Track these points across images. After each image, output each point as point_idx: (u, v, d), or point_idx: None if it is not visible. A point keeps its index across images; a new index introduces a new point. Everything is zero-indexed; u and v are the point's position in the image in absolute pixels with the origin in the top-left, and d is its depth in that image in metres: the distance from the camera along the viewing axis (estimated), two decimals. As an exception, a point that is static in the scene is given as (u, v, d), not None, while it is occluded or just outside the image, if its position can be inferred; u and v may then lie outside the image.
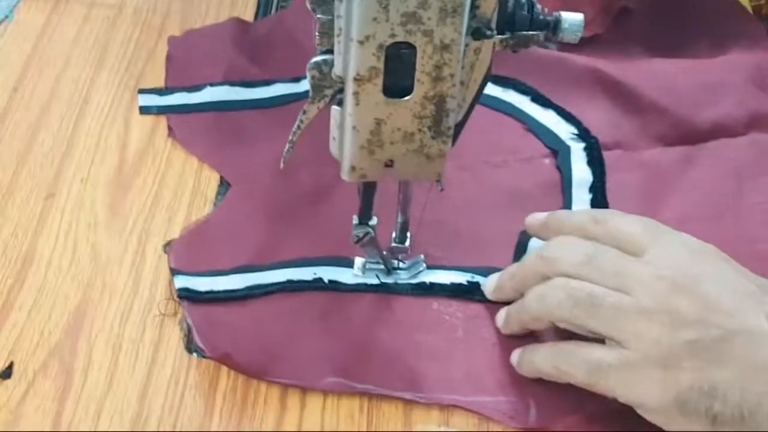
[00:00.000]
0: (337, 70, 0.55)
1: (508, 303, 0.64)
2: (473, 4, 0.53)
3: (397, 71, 0.54)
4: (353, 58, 0.53)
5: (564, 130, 0.77)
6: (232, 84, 0.81)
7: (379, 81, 0.54)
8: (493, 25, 0.55)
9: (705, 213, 0.71)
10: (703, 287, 0.55)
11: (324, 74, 0.56)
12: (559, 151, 0.76)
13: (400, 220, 0.66)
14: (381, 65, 0.54)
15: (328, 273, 0.66)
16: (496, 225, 0.70)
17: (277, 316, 0.64)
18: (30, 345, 0.62)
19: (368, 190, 0.62)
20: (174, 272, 0.66)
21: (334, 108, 0.57)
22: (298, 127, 0.59)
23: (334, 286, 0.66)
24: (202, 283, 0.65)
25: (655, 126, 0.78)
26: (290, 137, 0.59)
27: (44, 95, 0.80)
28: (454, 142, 0.59)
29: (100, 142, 0.76)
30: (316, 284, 0.66)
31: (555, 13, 0.57)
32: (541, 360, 0.59)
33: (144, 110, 0.79)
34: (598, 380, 0.56)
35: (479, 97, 0.58)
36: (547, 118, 0.79)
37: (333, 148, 0.60)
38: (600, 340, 0.57)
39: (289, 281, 0.66)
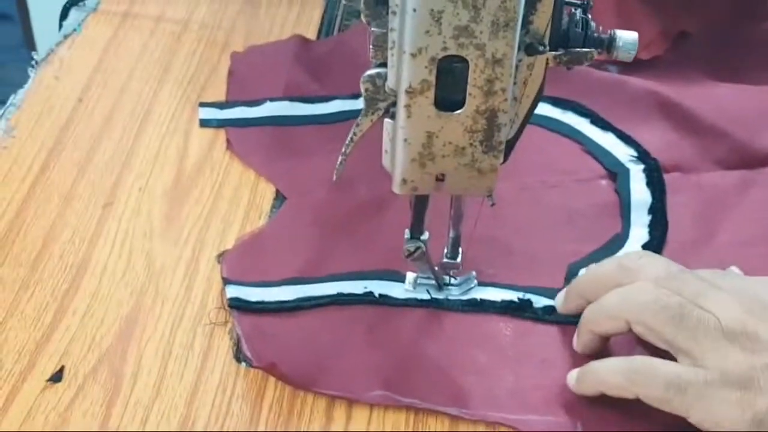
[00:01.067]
0: (390, 83, 0.56)
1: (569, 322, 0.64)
2: (526, 19, 0.53)
3: (449, 84, 0.54)
4: (405, 70, 0.54)
5: (623, 153, 0.77)
6: (292, 99, 0.81)
7: (431, 94, 0.54)
8: (546, 41, 0.55)
9: (758, 239, 0.70)
10: None
11: (377, 87, 0.56)
12: (618, 173, 0.75)
13: (451, 235, 0.65)
14: (433, 78, 0.54)
15: (378, 287, 0.66)
16: (550, 245, 0.70)
17: (326, 328, 0.64)
18: (81, 349, 0.62)
19: (420, 203, 0.62)
20: (226, 281, 0.66)
21: (387, 120, 0.58)
22: (351, 140, 0.59)
23: (384, 300, 0.66)
24: (254, 294, 0.65)
25: (714, 149, 0.77)
26: (343, 150, 0.60)
27: (107, 106, 0.81)
28: (506, 159, 0.59)
29: (159, 153, 0.77)
30: (367, 298, 0.66)
31: (610, 31, 0.57)
32: (610, 372, 0.58)
33: (204, 123, 0.80)
34: (674, 396, 0.55)
35: (532, 114, 0.58)
36: (606, 140, 0.78)
37: (385, 161, 0.60)
38: (668, 356, 0.57)
39: (340, 294, 0.66)
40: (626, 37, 0.56)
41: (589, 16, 0.56)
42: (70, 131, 0.79)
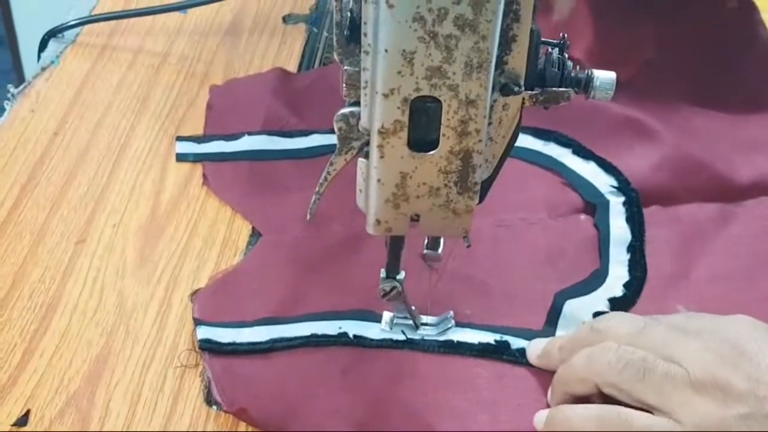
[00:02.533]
0: (363, 122, 0.55)
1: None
2: (501, 59, 0.52)
3: (422, 125, 0.53)
4: (378, 110, 0.53)
5: (603, 182, 0.76)
6: (270, 133, 0.80)
7: (404, 134, 0.53)
8: (522, 81, 0.54)
9: (736, 273, 0.70)
10: (753, 360, 0.54)
11: (351, 126, 0.55)
12: (597, 206, 0.74)
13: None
14: (406, 119, 0.53)
15: (353, 327, 0.65)
16: (529, 284, 0.69)
17: (299, 371, 0.63)
18: (49, 392, 0.61)
19: (395, 244, 0.61)
20: (197, 322, 0.65)
21: (361, 160, 0.57)
22: (325, 179, 0.58)
23: (359, 341, 0.65)
24: (225, 335, 0.64)
25: (693, 179, 0.76)
26: (317, 189, 0.59)
27: (83, 140, 0.80)
28: (482, 199, 0.58)
29: (135, 189, 0.76)
30: (341, 339, 0.65)
31: (587, 71, 0.56)
32: (582, 419, 0.57)
33: (181, 157, 0.79)
34: None
35: (508, 153, 0.57)
36: (587, 170, 0.77)
37: (359, 200, 0.59)
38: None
39: (314, 335, 0.65)
40: (603, 76, 0.56)
41: (566, 56, 0.55)
42: (44, 166, 0.78)
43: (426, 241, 0.64)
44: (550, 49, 0.55)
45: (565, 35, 0.55)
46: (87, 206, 0.74)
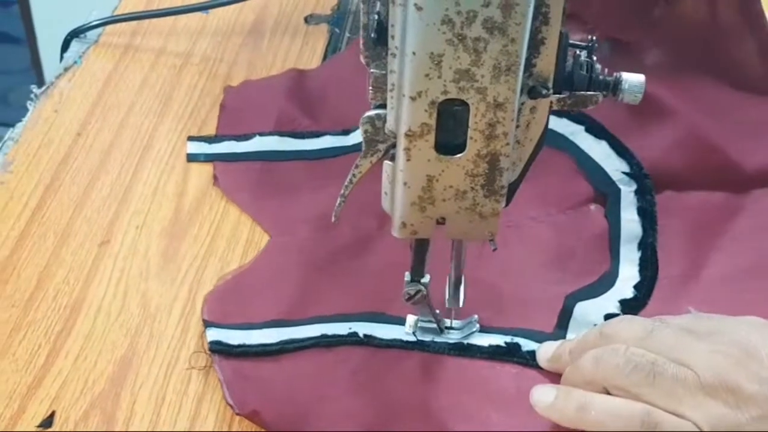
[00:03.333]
0: (389, 125, 0.54)
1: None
2: (529, 62, 0.52)
3: (449, 128, 0.53)
4: (405, 113, 0.52)
5: (615, 168, 0.75)
6: (281, 134, 0.80)
7: (431, 137, 0.53)
8: (550, 84, 0.53)
9: (746, 272, 0.69)
10: (763, 362, 0.53)
11: (377, 129, 0.55)
12: (608, 195, 0.73)
13: (453, 277, 0.64)
14: (433, 122, 0.52)
15: (363, 328, 0.65)
16: (539, 286, 0.68)
17: (309, 373, 0.62)
18: (73, 394, 0.61)
19: (420, 247, 0.61)
20: (207, 324, 0.65)
21: (386, 163, 0.56)
22: (350, 181, 0.58)
23: (369, 340, 0.64)
24: (236, 336, 0.64)
25: (705, 164, 0.75)
26: (342, 191, 0.58)
27: (106, 141, 0.80)
28: (508, 202, 0.57)
29: (157, 190, 0.76)
30: (351, 338, 0.64)
31: (615, 74, 0.55)
32: (604, 414, 0.56)
33: (191, 158, 0.79)
34: None
35: (535, 157, 0.57)
36: (599, 151, 0.76)
37: (385, 203, 0.58)
38: None
39: (324, 336, 0.64)
40: (632, 79, 0.55)
41: (594, 58, 0.55)
42: (67, 166, 0.78)
43: (447, 294, 0.64)
44: (578, 52, 0.55)
45: (594, 38, 0.55)
46: (110, 207, 0.74)
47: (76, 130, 0.81)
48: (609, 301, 0.68)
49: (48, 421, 0.59)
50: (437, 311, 0.64)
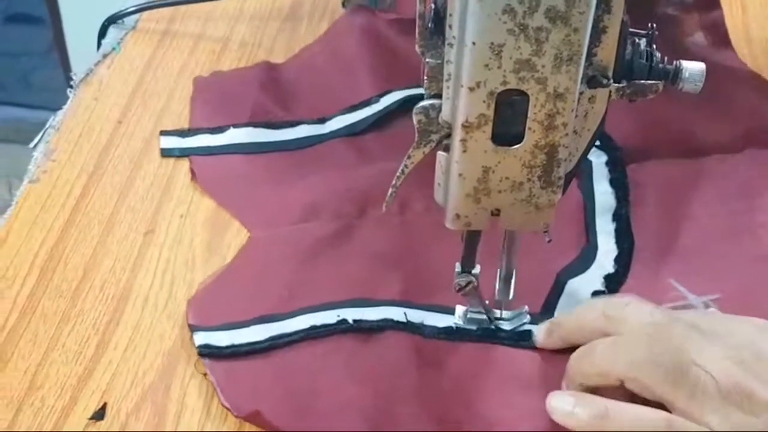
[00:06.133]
0: (444, 115, 0.54)
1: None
2: (590, 51, 0.51)
3: (507, 118, 0.52)
4: (462, 104, 0.52)
5: None
6: (256, 125, 0.79)
7: (488, 128, 0.52)
8: (610, 74, 0.52)
9: (719, 238, 0.70)
10: None
11: (431, 119, 0.54)
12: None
13: (504, 269, 0.63)
14: (491, 112, 0.52)
15: (352, 314, 0.64)
16: (520, 266, 0.66)
17: (303, 366, 0.61)
18: (124, 385, 0.61)
19: (472, 238, 0.60)
20: (193, 329, 0.63)
21: (440, 154, 0.56)
22: (402, 172, 0.57)
23: (360, 324, 0.63)
24: (224, 338, 0.62)
25: (662, 135, 0.76)
26: (394, 182, 0.58)
27: (148, 129, 0.80)
28: (563, 192, 0.57)
29: (200, 179, 0.75)
30: (341, 326, 0.63)
31: (675, 62, 0.54)
32: (627, 422, 0.55)
33: (165, 152, 0.77)
34: None
35: (592, 146, 0.56)
36: None
37: (437, 195, 0.58)
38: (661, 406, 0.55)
39: (313, 327, 0.63)
40: (692, 68, 0.54)
41: (654, 47, 0.54)
42: (110, 154, 0.77)
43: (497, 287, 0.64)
44: (637, 40, 0.54)
45: (654, 25, 0.54)
46: (154, 197, 0.74)
47: (116, 118, 0.81)
48: (594, 277, 0.67)
49: (100, 414, 0.59)
50: (487, 302, 0.64)
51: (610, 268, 0.68)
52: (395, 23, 0.88)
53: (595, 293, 0.66)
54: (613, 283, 0.67)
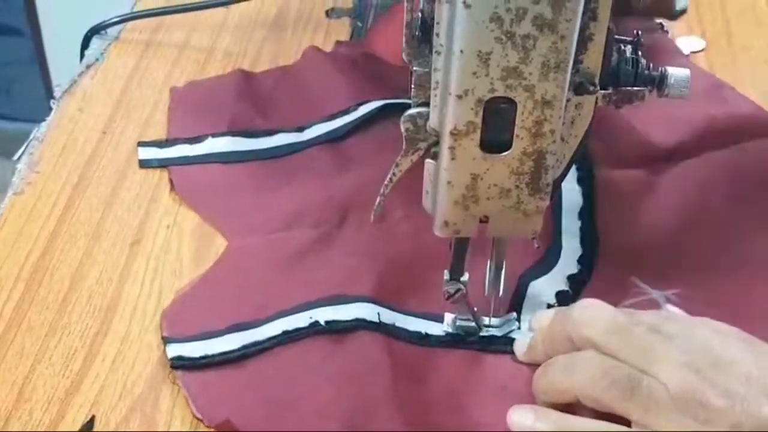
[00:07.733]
0: (432, 123, 0.54)
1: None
2: (576, 58, 0.51)
3: (495, 126, 0.53)
4: (450, 112, 0.52)
5: None
6: (235, 134, 0.79)
7: (477, 136, 0.53)
8: (597, 80, 0.53)
9: (679, 234, 0.71)
10: (728, 372, 0.53)
11: (418, 127, 0.55)
12: None
13: (493, 274, 0.63)
14: (479, 120, 0.52)
15: (324, 314, 0.64)
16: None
17: (276, 373, 0.61)
18: (113, 397, 0.60)
19: (460, 245, 0.60)
20: (166, 341, 0.63)
21: (429, 161, 0.56)
22: (390, 180, 0.57)
23: (332, 326, 0.63)
24: (197, 348, 0.62)
25: (621, 144, 0.76)
26: (382, 190, 0.58)
27: (132, 139, 0.79)
28: (551, 199, 0.57)
29: (186, 188, 0.75)
30: (313, 329, 0.63)
31: (660, 68, 0.55)
32: None
33: (144, 164, 0.77)
34: None
35: (579, 153, 0.56)
36: None
37: (426, 202, 0.58)
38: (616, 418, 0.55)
39: (285, 332, 0.63)
40: (678, 74, 0.55)
41: (640, 53, 0.54)
42: (94, 165, 0.77)
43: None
44: (623, 47, 0.54)
45: (639, 32, 0.54)
46: (140, 207, 0.73)
47: (101, 128, 0.81)
48: (558, 278, 0.67)
49: (88, 425, 0.59)
50: (475, 309, 0.64)
51: (574, 269, 0.68)
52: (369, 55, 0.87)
53: (559, 294, 0.66)
54: (577, 283, 0.67)
